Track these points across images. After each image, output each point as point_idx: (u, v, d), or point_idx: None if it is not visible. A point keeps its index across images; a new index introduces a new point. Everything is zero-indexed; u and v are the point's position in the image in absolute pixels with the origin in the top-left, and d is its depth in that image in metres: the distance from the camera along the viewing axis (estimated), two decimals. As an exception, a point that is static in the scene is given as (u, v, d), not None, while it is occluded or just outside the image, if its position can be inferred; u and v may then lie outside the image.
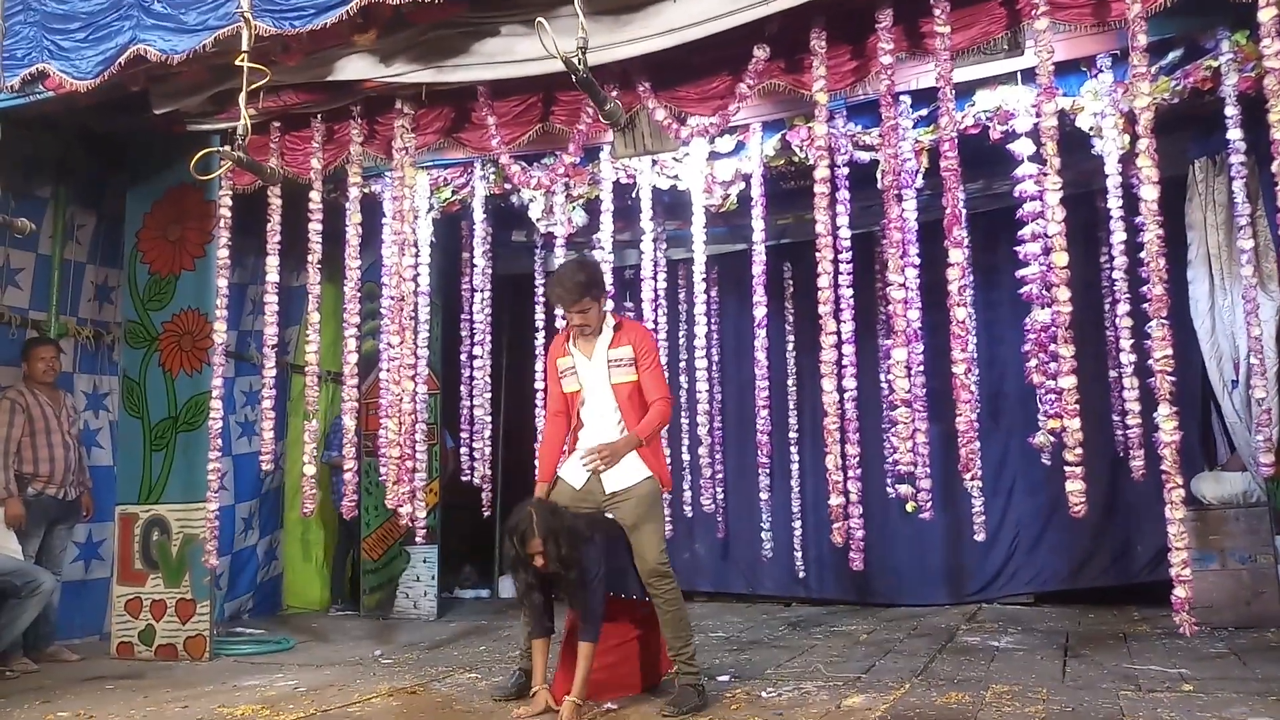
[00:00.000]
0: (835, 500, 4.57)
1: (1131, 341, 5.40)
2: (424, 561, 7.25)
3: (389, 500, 5.52)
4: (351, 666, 5.24)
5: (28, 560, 5.46)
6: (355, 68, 5.02)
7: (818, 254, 4.62)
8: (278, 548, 7.57)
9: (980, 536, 6.79)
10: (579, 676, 3.88)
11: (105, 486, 6.19)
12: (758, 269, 5.54)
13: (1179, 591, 4.07)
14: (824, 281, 4.64)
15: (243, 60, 4.14)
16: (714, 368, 7.68)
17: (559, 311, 4.46)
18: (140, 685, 4.83)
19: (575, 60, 4.24)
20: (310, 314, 5.70)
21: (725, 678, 4.59)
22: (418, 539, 6.06)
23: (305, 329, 5.80)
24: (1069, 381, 4.25)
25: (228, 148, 4.47)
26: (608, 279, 5.63)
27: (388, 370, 5.63)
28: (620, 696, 4.17)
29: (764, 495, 7.45)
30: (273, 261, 5.70)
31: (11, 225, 4.65)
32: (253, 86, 4.22)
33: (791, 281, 7.79)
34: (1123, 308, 5.54)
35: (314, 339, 5.70)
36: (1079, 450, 4.25)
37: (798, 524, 7.65)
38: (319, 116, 5.56)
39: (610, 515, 4.21)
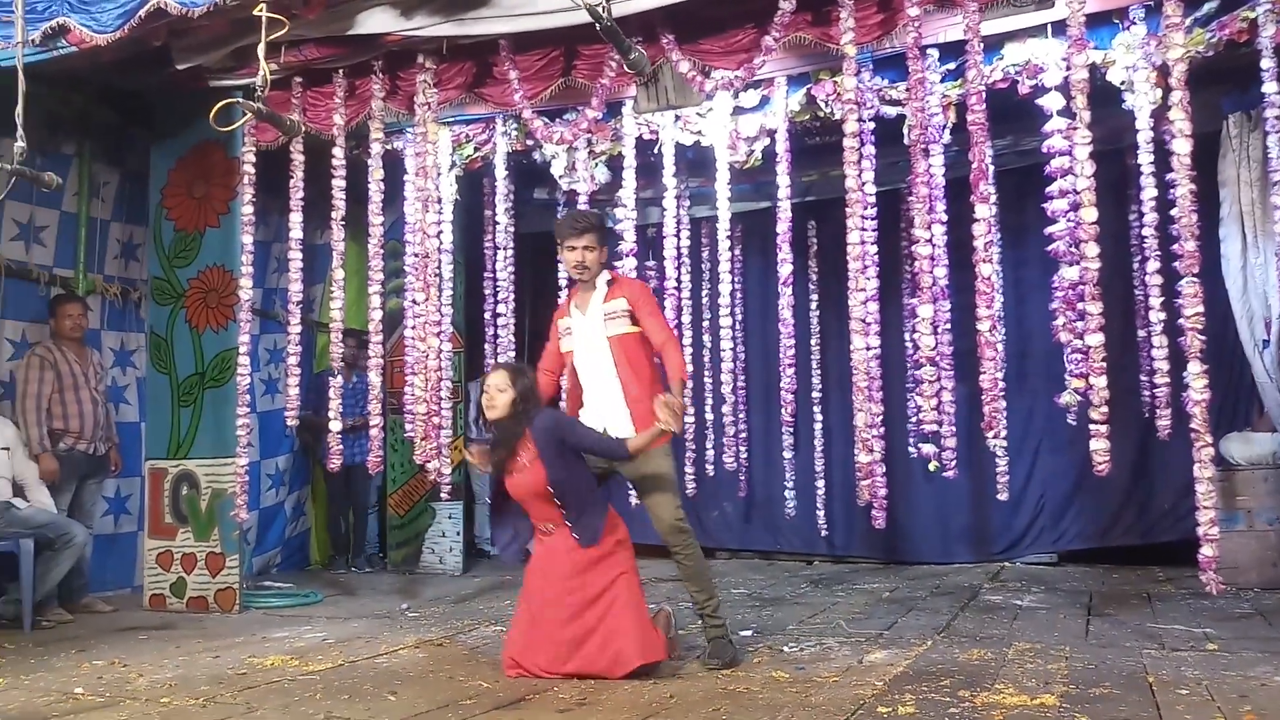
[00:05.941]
0: (864, 457, 4.55)
1: (1161, 299, 5.33)
2: (449, 517, 7.33)
3: (417, 456, 5.57)
4: (378, 620, 5.31)
5: (60, 514, 5.56)
6: (376, 21, 4.99)
7: (847, 210, 4.56)
8: (305, 504, 7.66)
9: (1004, 496, 6.76)
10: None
11: (131, 442, 6.28)
12: (782, 227, 5.49)
13: (1206, 550, 4.05)
14: (854, 238, 4.58)
15: (260, 10, 4.11)
16: (737, 326, 7.58)
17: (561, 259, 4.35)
18: (172, 636, 4.92)
19: (599, 8, 4.19)
20: (334, 271, 5.72)
21: (747, 633, 4.61)
22: (443, 495, 6.10)
23: (329, 286, 5.82)
24: (1095, 339, 4.21)
25: (248, 100, 4.46)
26: (630, 238, 5.65)
27: (413, 328, 5.64)
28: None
29: (787, 454, 7.45)
30: (296, 218, 5.70)
31: (39, 180, 4.63)
32: (272, 37, 4.21)
33: (815, 240, 7.73)
34: (1152, 265, 5.47)
35: (338, 296, 5.72)
36: (1104, 409, 4.21)
37: (820, 482, 7.64)
38: (340, 72, 5.53)
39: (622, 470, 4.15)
